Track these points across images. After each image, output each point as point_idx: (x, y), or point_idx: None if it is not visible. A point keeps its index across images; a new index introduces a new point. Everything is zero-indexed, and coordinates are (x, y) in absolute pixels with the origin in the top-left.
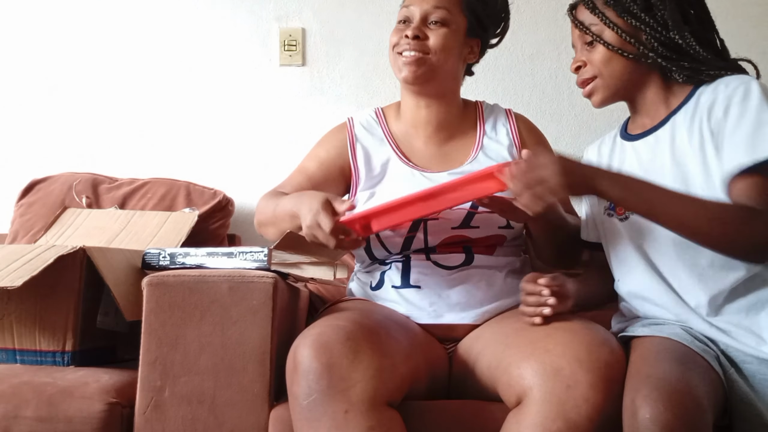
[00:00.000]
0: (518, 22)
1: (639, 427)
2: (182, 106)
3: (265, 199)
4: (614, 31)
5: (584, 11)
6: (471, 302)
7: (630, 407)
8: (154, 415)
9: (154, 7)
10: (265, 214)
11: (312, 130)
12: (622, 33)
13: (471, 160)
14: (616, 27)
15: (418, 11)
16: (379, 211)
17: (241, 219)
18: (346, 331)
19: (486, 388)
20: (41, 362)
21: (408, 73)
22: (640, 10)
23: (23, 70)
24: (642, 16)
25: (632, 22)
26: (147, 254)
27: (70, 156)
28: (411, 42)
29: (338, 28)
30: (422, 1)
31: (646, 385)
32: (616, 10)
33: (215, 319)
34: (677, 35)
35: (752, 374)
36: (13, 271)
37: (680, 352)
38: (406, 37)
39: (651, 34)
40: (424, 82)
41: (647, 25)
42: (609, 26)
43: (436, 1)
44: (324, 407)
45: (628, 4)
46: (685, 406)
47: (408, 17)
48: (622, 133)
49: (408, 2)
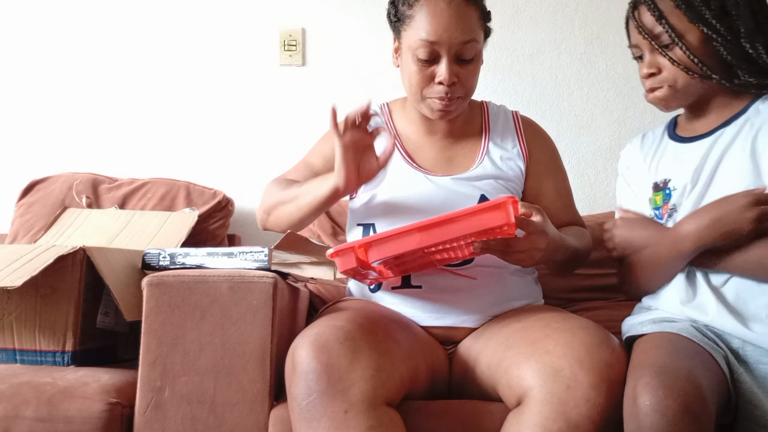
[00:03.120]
0: (518, 22)
1: (639, 414)
2: (182, 106)
3: (274, 184)
4: (684, 49)
5: (648, 15)
6: (475, 305)
7: (631, 394)
8: (154, 415)
9: (154, 8)
10: (277, 197)
11: (312, 130)
12: (690, 53)
13: (476, 165)
14: (684, 46)
15: (446, 51)
16: (378, 239)
17: (241, 219)
18: (345, 331)
19: (486, 389)
20: (41, 362)
21: (438, 117)
22: (713, 17)
23: (23, 70)
24: (714, 23)
25: (704, 29)
26: (147, 254)
27: (70, 156)
28: (448, 90)
29: (338, 28)
30: (450, 37)
31: (647, 373)
32: (688, 15)
33: (215, 319)
34: (748, 44)
35: (765, 375)
36: (13, 271)
37: (684, 345)
38: (440, 84)
39: (721, 43)
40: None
41: (718, 34)
42: (679, 42)
43: (465, 34)
44: (323, 407)
45: (701, 9)
46: (686, 393)
47: (434, 56)
48: (670, 132)
49: (431, 37)
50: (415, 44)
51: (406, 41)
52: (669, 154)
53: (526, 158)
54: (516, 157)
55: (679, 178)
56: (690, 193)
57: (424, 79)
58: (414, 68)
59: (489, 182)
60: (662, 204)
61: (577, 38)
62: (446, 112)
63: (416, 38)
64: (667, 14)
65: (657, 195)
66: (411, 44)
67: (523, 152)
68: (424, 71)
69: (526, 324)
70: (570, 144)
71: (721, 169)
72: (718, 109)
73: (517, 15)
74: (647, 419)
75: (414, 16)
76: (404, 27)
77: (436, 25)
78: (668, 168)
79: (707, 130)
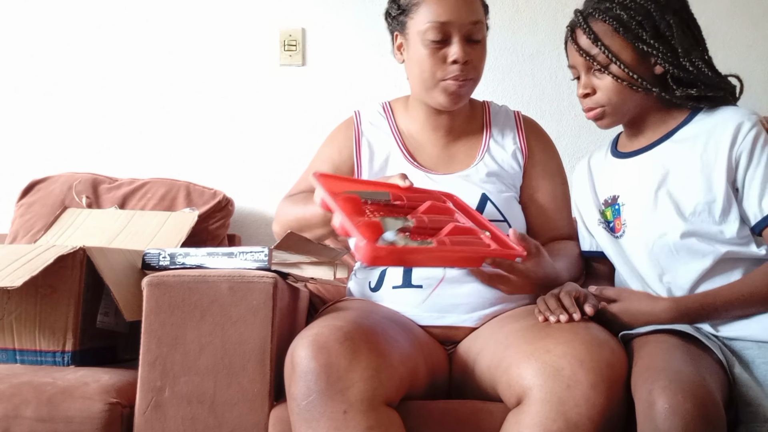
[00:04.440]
0: (518, 22)
1: (657, 417)
2: (182, 106)
3: (286, 205)
4: (621, 66)
5: (585, 38)
6: (475, 304)
7: (646, 399)
8: (154, 415)
9: (154, 8)
10: (291, 221)
11: (312, 130)
12: (627, 69)
13: (476, 162)
14: (622, 63)
15: (458, 30)
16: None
17: (241, 219)
18: (344, 332)
19: (486, 389)
20: (41, 362)
21: (450, 103)
22: (650, 37)
23: (23, 70)
24: (652, 42)
25: (643, 48)
26: (147, 254)
27: (70, 156)
28: (463, 68)
29: (338, 28)
30: (461, 17)
31: (662, 377)
32: (626, 37)
33: (215, 319)
34: (688, 62)
35: (752, 359)
36: (13, 271)
37: (690, 347)
38: (455, 63)
39: (662, 60)
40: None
41: (658, 52)
42: (616, 60)
43: (474, 14)
44: (322, 408)
45: (637, 31)
46: (702, 398)
47: (445, 37)
48: (612, 150)
49: (441, 17)
50: (426, 27)
51: (414, 29)
52: (613, 170)
53: (525, 156)
54: (515, 154)
55: (626, 193)
56: (639, 208)
57: (437, 62)
58: (425, 52)
59: (489, 180)
60: (614, 218)
61: None
62: (458, 95)
63: (426, 22)
64: (602, 36)
65: (607, 210)
66: (420, 29)
67: (523, 150)
68: (436, 54)
69: (526, 323)
70: (570, 144)
71: (669, 182)
72: (654, 126)
73: (517, 15)
74: (666, 422)
75: (420, 2)
76: (411, 16)
77: (446, 6)
78: (614, 184)
79: (645, 145)
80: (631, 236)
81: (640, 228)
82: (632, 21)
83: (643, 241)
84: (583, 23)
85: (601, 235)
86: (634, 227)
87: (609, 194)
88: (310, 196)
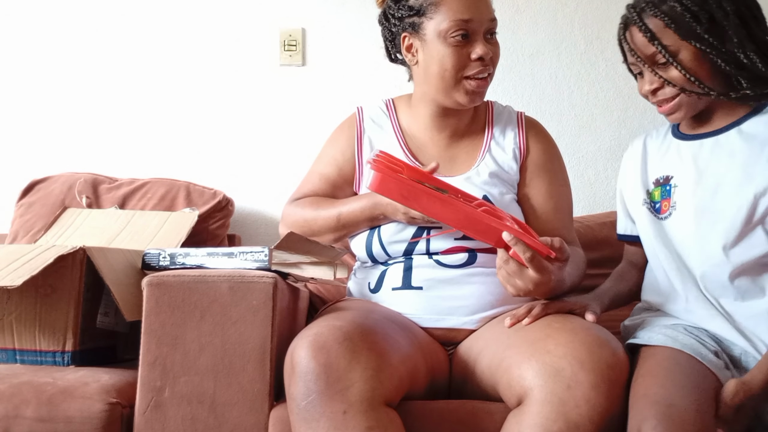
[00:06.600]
0: (518, 22)
1: None
2: (182, 106)
3: (294, 210)
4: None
5: (640, 35)
6: (476, 306)
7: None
8: (154, 415)
9: (154, 7)
10: (301, 225)
11: (312, 130)
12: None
13: (477, 163)
14: (679, 64)
15: (479, 27)
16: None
17: (241, 219)
18: (344, 332)
19: (486, 389)
20: (41, 362)
21: (469, 101)
22: (704, 31)
23: (23, 70)
24: (706, 37)
25: (697, 45)
26: (147, 254)
27: (70, 156)
28: (488, 64)
29: (338, 28)
30: (482, 14)
31: (654, 414)
32: (679, 33)
33: (215, 319)
34: (742, 53)
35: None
36: (13, 270)
37: (690, 369)
38: (478, 60)
39: (716, 55)
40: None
41: (711, 47)
42: (673, 61)
43: (491, 11)
44: (322, 408)
45: (691, 25)
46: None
47: (468, 33)
48: (674, 131)
49: (465, 15)
50: (449, 26)
51: (434, 28)
52: (671, 150)
53: (522, 155)
54: (513, 153)
55: (681, 175)
56: (691, 193)
57: (461, 60)
58: (448, 51)
59: (491, 182)
60: (661, 199)
61: (577, 38)
62: (478, 94)
63: (450, 20)
64: (658, 34)
65: (656, 190)
66: (442, 29)
67: (521, 149)
68: (460, 51)
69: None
70: (570, 144)
71: (728, 172)
72: (722, 114)
73: (517, 15)
74: None
75: (440, 2)
76: (429, 17)
77: (468, 3)
78: (670, 164)
79: (713, 129)
80: (678, 218)
81: (693, 212)
82: (686, 13)
83: (693, 225)
84: (637, 19)
85: (642, 216)
86: (684, 209)
87: (662, 174)
88: (320, 200)
